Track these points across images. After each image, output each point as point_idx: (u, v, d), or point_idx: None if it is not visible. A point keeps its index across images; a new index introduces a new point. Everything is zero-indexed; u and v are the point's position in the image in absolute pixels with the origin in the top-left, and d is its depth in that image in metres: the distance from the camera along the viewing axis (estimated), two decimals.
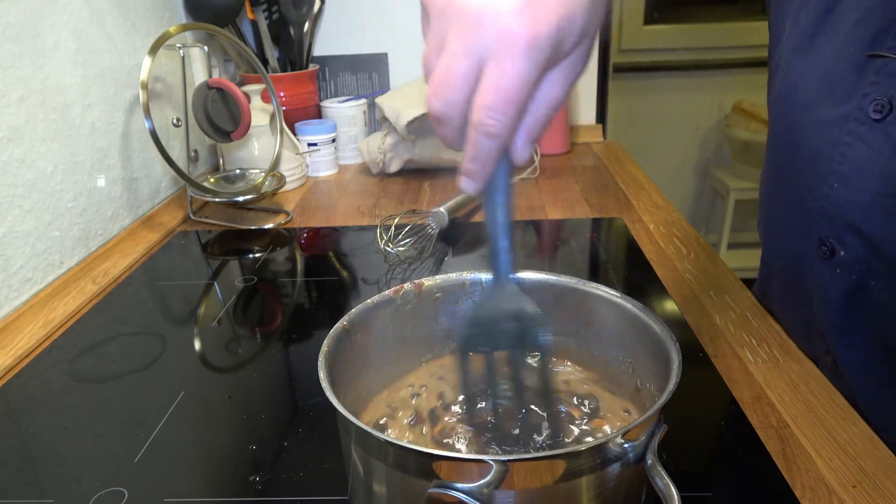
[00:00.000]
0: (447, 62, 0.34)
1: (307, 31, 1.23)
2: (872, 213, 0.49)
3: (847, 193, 0.50)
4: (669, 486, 0.33)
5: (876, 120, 0.48)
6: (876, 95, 0.48)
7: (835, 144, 0.51)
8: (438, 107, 0.35)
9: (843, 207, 0.51)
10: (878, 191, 0.48)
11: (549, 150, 1.24)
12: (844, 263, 0.51)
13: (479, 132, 0.35)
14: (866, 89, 0.49)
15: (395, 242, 0.82)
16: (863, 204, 0.49)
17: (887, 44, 0.47)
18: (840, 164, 0.51)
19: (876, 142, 0.48)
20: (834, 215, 0.52)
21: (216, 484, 0.48)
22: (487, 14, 0.33)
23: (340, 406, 0.36)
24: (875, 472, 0.46)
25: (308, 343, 0.66)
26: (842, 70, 0.51)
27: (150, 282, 0.81)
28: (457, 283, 0.50)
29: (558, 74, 0.36)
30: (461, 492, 0.33)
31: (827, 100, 0.52)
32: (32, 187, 0.76)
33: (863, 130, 0.49)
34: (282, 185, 1.03)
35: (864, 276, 0.51)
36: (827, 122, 0.52)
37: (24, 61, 0.75)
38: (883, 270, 0.49)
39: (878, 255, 0.49)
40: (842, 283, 0.52)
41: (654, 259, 0.80)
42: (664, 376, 0.39)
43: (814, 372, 0.57)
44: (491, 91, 0.33)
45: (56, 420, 0.56)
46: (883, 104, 0.47)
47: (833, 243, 0.52)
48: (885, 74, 0.47)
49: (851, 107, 0.49)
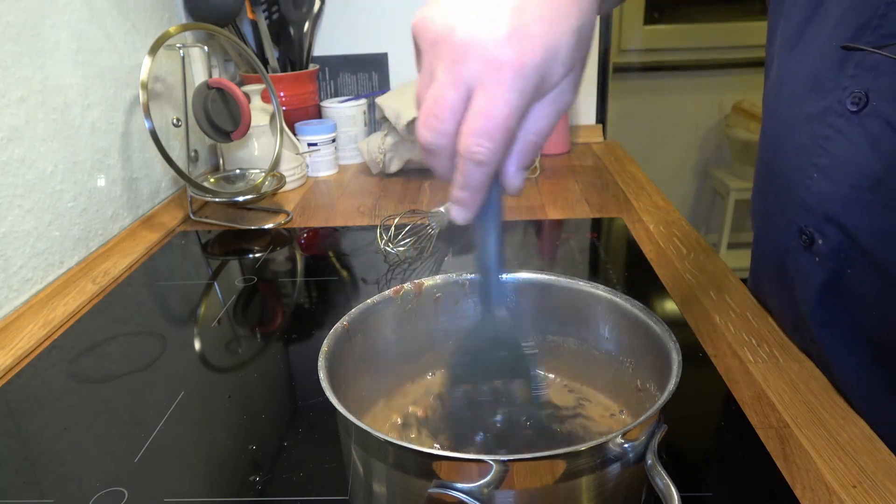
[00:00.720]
0: (435, 93, 0.34)
1: (307, 31, 1.23)
2: (849, 205, 0.50)
3: (826, 185, 0.51)
4: (669, 486, 0.33)
5: (853, 112, 0.49)
6: (854, 88, 0.49)
7: (816, 138, 0.52)
8: (428, 137, 0.35)
9: (822, 199, 0.52)
10: (855, 183, 0.49)
11: (549, 150, 1.24)
12: (823, 253, 0.53)
13: (468, 159, 0.35)
14: (845, 82, 0.50)
15: (395, 242, 0.82)
16: (841, 196, 0.50)
17: (866, 38, 0.48)
18: (820, 157, 0.52)
19: (853, 135, 0.49)
20: (814, 206, 0.53)
21: (216, 484, 0.48)
22: (474, 45, 0.33)
23: (340, 406, 0.36)
24: (875, 472, 0.46)
25: (308, 343, 0.66)
26: (826, 65, 0.52)
27: (150, 282, 0.81)
28: (457, 283, 0.50)
29: (546, 105, 0.36)
30: (461, 492, 0.33)
31: (811, 94, 0.53)
32: (32, 187, 0.76)
33: (841, 123, 0.50)
34: (282, 185, 1.03)
35: (842, 265, 0.52)
36: (810, 117, 0.53)
37: (24, 61, 0.75)
38: (860, 260, 0.50)
39: (855, 246, 0.50)
40: (821, 272, 0.53)
41: (654, 259, 0.80)
42: (664, 376, 0.39)
43: (814, 372, 0.57)
44: (479, 118, 0.34)
45: (56, 420, 0.56)
46: (860, 97, 0.48)
47: (812, 232, 0.53)
48: (862, 68, 0.49)
49: (832, 100, 0.51)
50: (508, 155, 0.36)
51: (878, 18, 0.47)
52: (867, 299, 0.51)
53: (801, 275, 0.56)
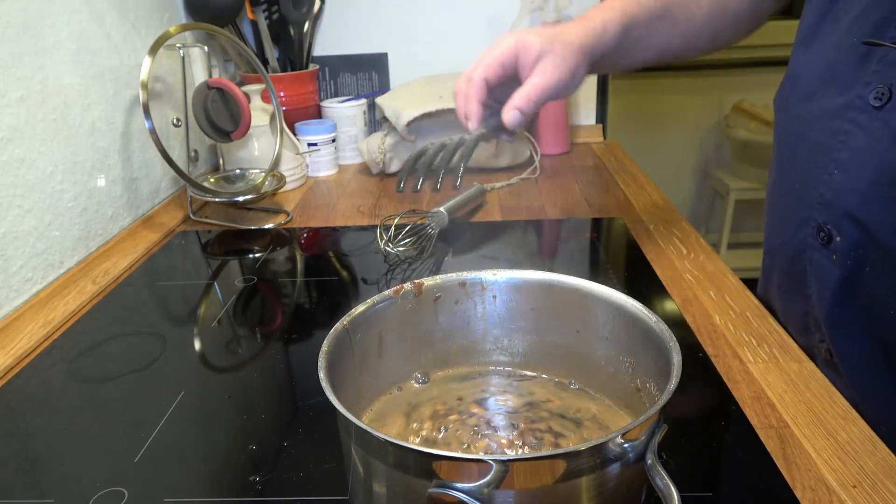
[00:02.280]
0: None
1: (307, 31, 1.23)
2: (869, 200, 0.50)
3: (845, 181, 0.51)
4: (669, 486, 0.33)
5: (876, 107, 0.49)
6: (877, 83, 0.49)
7: (835, 133, 0.52)
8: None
9: (840, 194, 0.52)
10: (875, 178, 0.49)
11: (549, 150, 1.24)
12: (841, 250, 0.52)
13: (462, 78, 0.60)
14: (868, 78, 0.50)
15: (395, 242, 0.82)
16: (860, 191, 0.50)
17: (889, 33, 0.48)
18: (840, 152, 0.52)
19: (875, 129, 0.49)
20: (832, 202, 0.53)
21: (216, 484, 0.48)
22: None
23: (340, 406, 0.36)
24: (875, 472, 0.46)
25: (308, 343, 0.66)
26: (844, 60, 0.52)
27: (150, 282, 0.81)
28: (457, 283, 0.50)
29: (547, 64, 0.58)
30: (461, 492, 0.33)
31: (829, 90, 0.53)
32: (32, 187, 0.76)
33: (863, 118, 0.50)
34: (282, 185, 1.03)
35: (859, 262, 0.51)
36: (828, 112, 0.53)
37: (24, 61, 0.75)
38: (877, 257, 0.50)
39: (873, 242, 0.50)
40: (838, 270, 0.53)
41: (654, 259, 0.80)
42: (664, 376, 0.39)
43: (814, 372, 0.57)
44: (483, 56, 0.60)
45: (56, 420, 0.56)
46: (883, 92, 0.48)
47: (830, 229, 0.53)
48: (886, 63, 0.48)
49: (852, 95, 0.51)
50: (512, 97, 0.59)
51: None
52: (883, 298, 0.51)
53: (818, 273, 0.55)
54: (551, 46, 0.57)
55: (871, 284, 0.51)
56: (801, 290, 0.58)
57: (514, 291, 0.50)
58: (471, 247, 0.86)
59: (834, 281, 0.53)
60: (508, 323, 0.51)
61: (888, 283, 0.50)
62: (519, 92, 0.58)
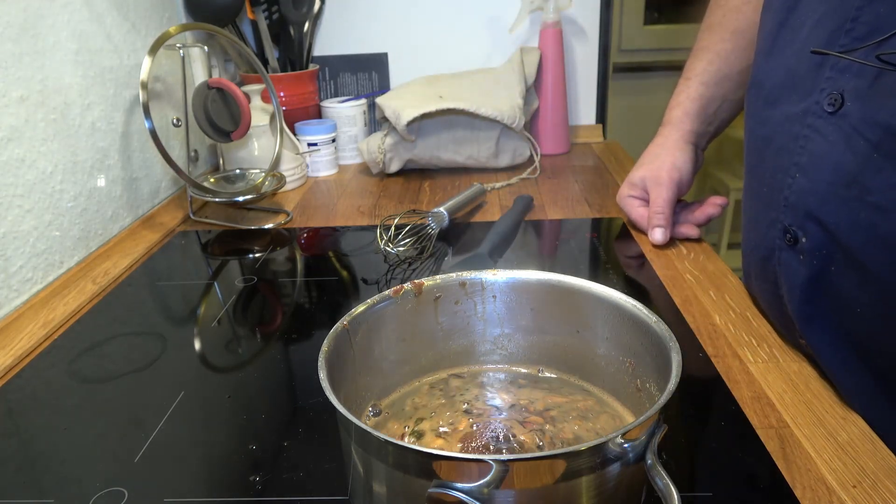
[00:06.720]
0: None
1: (307, 31, 1.23)
2: (827, 201, 0.52)
3: (806, 184, 0.54)
4: (669, 486, 0.33)
5: (830, 113, 0.52)
6: (831, 90, 0.52)
7: (796, 138, 0.55)
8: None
9: (802, 197, 0.54)
10: (832, 180, 0.51)
11: (549, 150, 1.24)
12: (807, 251, 0.54)
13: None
14: (823, 84, 0.52)
15: (395, 242, 0.82)
16: (819, 193, 0.52)
17: (840, 41, 0.51)
18: (800, 156, 0.54)
19: (830, 133, 0.52)
20: (795, 204, 0.55)
21: (216, 484, 0.48)
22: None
23: (340, 406, 0.36)
24: (875, 472, 0.46)
25: (308, 343, 0.66)
26: (802, 68, 0.55)
27: (150, 282, 0.81)
28: (457, 283, 0.50)
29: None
30: (461, 492, 0.33)
31: (791, 96, 0.56)
32: (32, 187, 0.76)
33: (819, 123, 0.53)
34: (282, 185, 1.03)
35: (825, 262, 0.53)
36: (790, 118, 0.56)
37: (24, 61, 0.75)
38: (841, 257, 0.52)
39: (836, 242, 0.52)
40: (805, 269, 0.55)
41: (654, 259, 0.80)
42: (664, 376, 0.39)
43: (814, 372, 0.57)
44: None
45: (56, 420, 0.56)
46: (836, 97, 0.51)
47: (796, 231, 0.55)
48: (837, 70, 0.51)
49: (810, 102, 0.53)
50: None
51: (850, 22, 0.50)
52: (849, 296, 0.52)
53: (786, 273, 0.57)
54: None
55: (838, 283, 0.53)
56: (775, 290, 0.60)
57: (514, 291, 0.50)
58: (471, 247, 0.86)
59: (802, 280, 0.55)
60: (508, 323, 0.51)
61: (853, 281, 0.52)
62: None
